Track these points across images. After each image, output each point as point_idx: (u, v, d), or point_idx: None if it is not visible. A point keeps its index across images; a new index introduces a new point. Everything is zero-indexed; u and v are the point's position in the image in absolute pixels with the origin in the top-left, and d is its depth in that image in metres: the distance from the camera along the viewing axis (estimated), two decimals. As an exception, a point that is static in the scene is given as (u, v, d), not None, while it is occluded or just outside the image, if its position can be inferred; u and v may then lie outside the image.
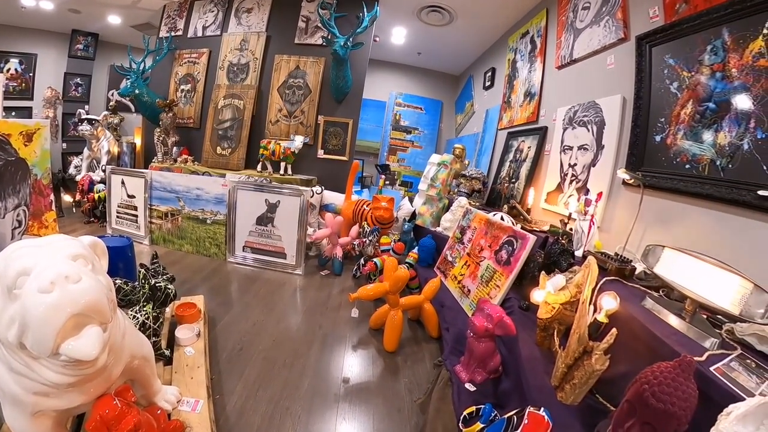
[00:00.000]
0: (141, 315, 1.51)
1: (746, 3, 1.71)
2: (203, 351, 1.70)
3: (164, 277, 1.78)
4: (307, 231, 3.07)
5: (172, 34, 4.73)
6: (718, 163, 1.85)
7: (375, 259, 2.83)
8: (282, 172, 4.02)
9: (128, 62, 4.27)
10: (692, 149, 1.99)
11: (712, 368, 1.13)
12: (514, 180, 3.79)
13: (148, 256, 2.16)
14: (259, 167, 4.08)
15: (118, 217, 3.52)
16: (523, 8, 4.08)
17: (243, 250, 3.13)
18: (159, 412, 1.22)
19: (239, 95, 4.34)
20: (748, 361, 1.20)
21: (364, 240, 3.06)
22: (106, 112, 5.53)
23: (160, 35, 4.81)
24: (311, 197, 3.38)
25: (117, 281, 1.51)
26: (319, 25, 4.20)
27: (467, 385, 1.65)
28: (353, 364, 1.92)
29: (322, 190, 3.80)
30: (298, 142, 3.92)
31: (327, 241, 3.17)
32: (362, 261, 3.01)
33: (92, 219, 3.89)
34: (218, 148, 4.33)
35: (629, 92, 2.42)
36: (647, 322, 1.38)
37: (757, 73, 1.68)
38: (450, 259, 2.83)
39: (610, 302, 1.41)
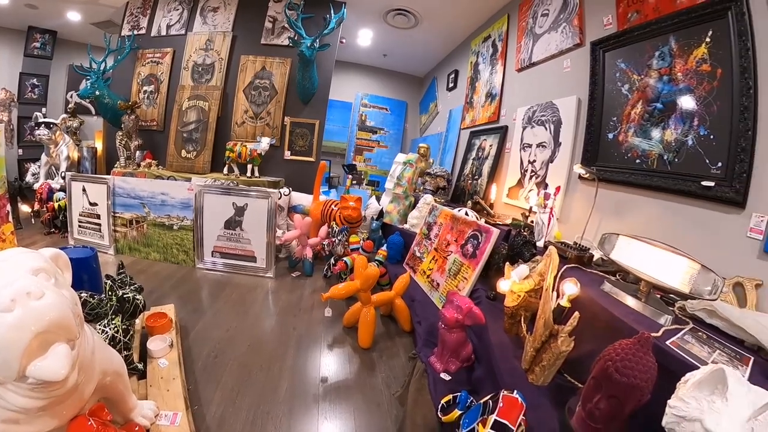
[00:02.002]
0: (110, 329, 1.42)
1: (691, 14, 1.86)
2: (177, 361, 1.63)
3: (132, 287, 1.67)
4: (276, 233, 3.01)
5: (135, 32, 4.47)
6: (665, 157, 1.99)
7: (345, 258, 2.82)
8: (249, 174, 3.92)
9: (88, 62, 3.99)
10: (642, 145, 2.13)
11: (667, 342, 1.21)
12: (477, 177, 3.90)
13: (113, 267, 2.05)
14: (225, 170, 3.95)
15: (80, 226, 3.29)
16: (485, 13, 4.19)
17: (212, 256, 3.02)
18: (137, 429, 1.16)
19: (204, 96, 4.18)
20: (700, 333, 1.31)
21: (334, 240, 3.03)
22: (64, 115, 5.17)
23: (122, 34, 4.53)
24: (279, 199, 3.31)
25: (82, 294, 1.42)
26: (286, 25, 4.12)
27: (442, 375, 1.68)
28: (330, 363, 1.90)
29: (289, 192, 3.74)
30: (264, 143, 3.83)
31: (296, 242, 3.13)
32: (332, 261, 2.99)
33: (53, 230, 3.59)
34: (183, 151, 4.15)
35: (584, 93, 2.55)
36: (606, 304, 1.46)
37: (700, 77, 1.82)
38: (418, 254, 2.87)
39: (571, 288, 1.49)
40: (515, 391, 1.21)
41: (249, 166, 3.91)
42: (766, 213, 1.51)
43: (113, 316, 1.46)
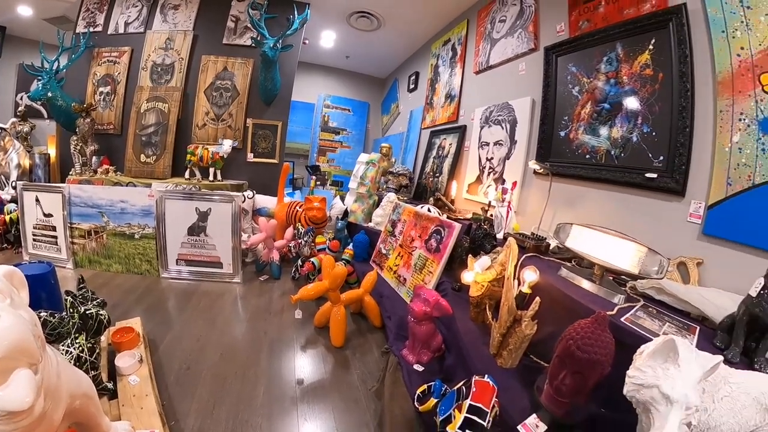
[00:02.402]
0: (74, 348, 1.32)
1: (636, 24, 2.00)
2: (149, 377, 1.53)
3: (94, 302, 1.55)
4: (242, 237, 2.90)
5: (91, 29, 4.14)
6: (612, 152, 2.13)
7: (312, 259, 2.78)
8: (211, 178, 3.77)
9: (40, 61, 3.67)
10: (591, 142, 2.26)
11: (622, 319, 1.30)
12: (437, 174, 3.99)
13: (73, 282, 1.89)
14: (186, 174, 3.78)
15: (34, 240, 2.98)
16: (446, 18, 4.29)
17: (177, 264, 2.86)
18: (113, 452, 1.07)
19: (164, 98, 3.97)
20: (650, 309, 1.42)
21: (300, 241, 2.96)
22: (14, 119, 4.77)
23: (77, 31, 4.18)
24: (243, 202, 3.21)
25: (42, 314, 1.31)
26: (249, 25, 3.99)
27: (415, 367, 1.70)
28: (304, 365, 1.86)
29: (253, 195, 3.62)
30: (226, 146, 3.69)
31: (262, 245, 3.05)
32: (300, 262, 2.93)
33: (5, 245, 3.22)
34: (142, 155, 3.91)
35: (538, 95, 2.68)
36: (564, 288, 1.54)
37: (644, 80, 1.98)
38: (384, 251, 2.89)
39: (531, 275, 1.55)
40: (486, 376, 1.25)
41: (211, 170, 3.76)
42: (703, 200, 1.66)
43: (77, 335, 1.35)
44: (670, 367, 0.85)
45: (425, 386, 1.40)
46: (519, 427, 1.19)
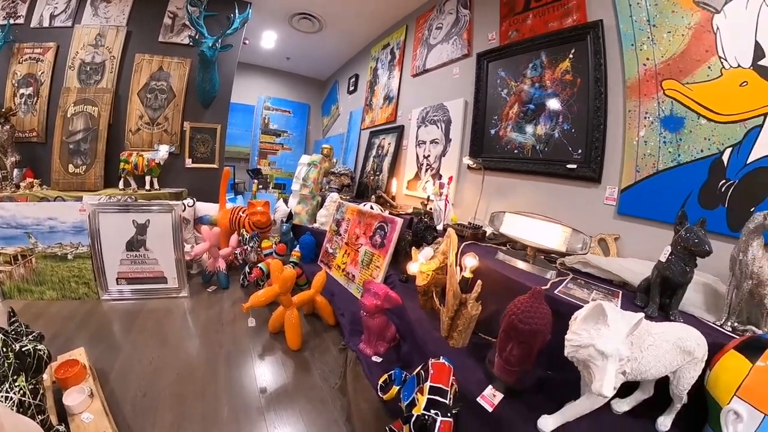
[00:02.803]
0: (14, 393, 1.13)
1: (559, 35, 2.23)
2: (103, 411, 1.37)
3: (30, 337, 1.36)
4: (185, 248, 2.71)
5: (11, 21, 3.55)
6: (537, 147, 2.34)
7: (260, 265, 2.66)
8: (148, 187, 3.45)
9: None
10: (518, 138, 2.46)
11: (555, 291, 1.43)
12: (378, 173, 4.05)
13: (3, 316, 1.63)
14: (121, 184, 3.41)
15: None
16: (386, 23, 4.33)
17: (117, 284, 2.56)
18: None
19: (93, 101, 3.53)
20: (579, 280, 1.58)
21: (246, 247, 2.83)
22: None
23: None
24: (183, 211, 3.00)
25: None
26: (187, 23, 3.67)
27: (374, 358, 1.72)
28: (265, 373, 1.79)
29: (194, 203, 3.37)
30: (163, 152, 3.39)
31: (207, 255, 2.88)
32: (247, 269, 2.82)
33: None
34: (70, 165, 3.44)
35: (470, 96, 2.85)
36: (502, 270, 1.68)
37: (564, 85, 2.20)
38: (331, 251, 2.89)
39: (471, 261, 1.66)
40: (441, 357, 1.29)
41: (147, 178, 3.44)
42: (617, 185, 1.91)
43: (15, 377, 1.17)
44: (601, 328, 0.95)
45: (386, 376, 1.41)
46: (478, 399, 1.26)
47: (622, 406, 1.21)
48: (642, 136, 1.83)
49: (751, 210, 1.41)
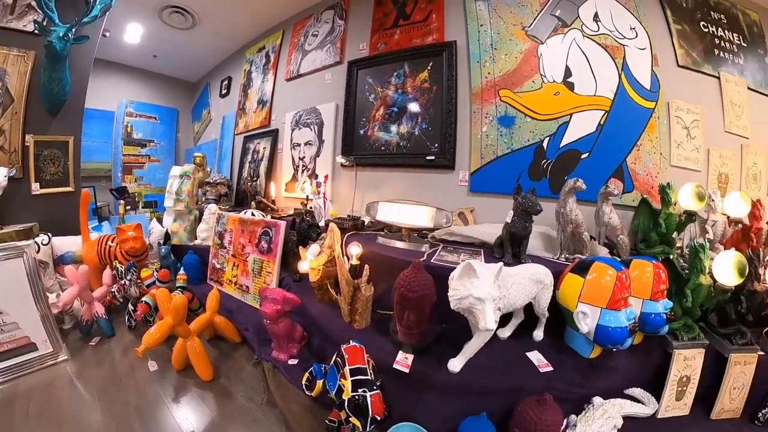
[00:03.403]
0: None
1: (420, 50, 2.62)
2: None
3: None
4: (50, 299, 2.10)
5: None
6: (401, 144, 2.69)
7: (144, 299, 2.25)
8: (-25, 230, 2.50)
9: None
10: (385, 137, 2.77)
11: (432, 260, 1.70)
12: (255, 178, 3.94)
13: None
14: None
15: None
16: (263, 25, 4.14)
17: None
18: None
19: None
20: (449, 248, 1.91)
21: (123, 282, 2.37)
22: None
23: None
24: (38, 252, 2.37)
25: None
26: (33, 3, 2.70)
27: (290, 362, 1.70)
28: (187, 416, 1.56)
29: (49, 239, 2.61)
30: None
31: (79, 301, 2.26)
32: (131, 306, 2.31)
33: None
34: None
35: (341, 100, 3.03)
36: (384, 251, 1.89)
37: (423, 91, 2.60)
38: (218, 266, 2.67)
39: (356, 249, 1.76)
40: (351, 341, 1.37)
41: (-26, 218, 2.51)
42: (467, 170, 2.41)
43: None
44: (473, 280, 1.16)
45: (307, 374, 1.41)
46: (395, 366, 1.38)
47: (505, 332, 1.56)
48: (484, 131, 2.37)
49: (565, 178, 1.91)
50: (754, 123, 2.51)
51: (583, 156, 2.26)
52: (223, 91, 5.01)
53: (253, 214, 2.63)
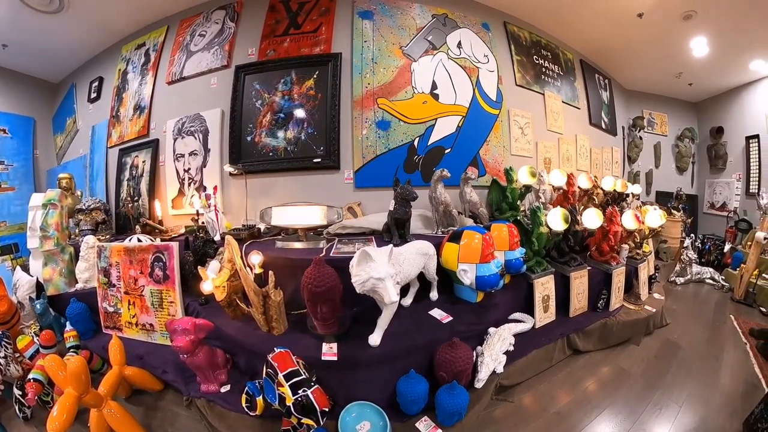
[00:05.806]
0: None
1: (308, 59, 2.62)
2: None
3: None
4: None
5: None
6: (289, 148, 2.65)
7: (31, 376, 1.56)
8: None
9: None
10: (272, 143, 2.68)
11: (331, 254, 1.78)
12: (137, 198, 3.22)
13: None
14: None
15: None
16: (145, 19, 3.36)
17: None
18: None
19: None
20: (344, 240, 2.03)
21: None
22: None
23: None
24: None
25: None
26: None
27: (222, 390, 1.51)
28: None
29: None
30: None
31: None
32: (17, 392, 1.59)
33: None
34: None
35: (227, 106, 2.75)
36: (285, 254, 1.88)
37: (309, 98, 2.60)
38: (112, 309, 2.12)
39: (257, 258, 1.66)
40: (276, 348, 1.32)
41: None
42: (351, 169, 2.53)
43: None
44: (370, 264, 1.27)
45: (244, 395, 1.33)
46: (323, 358, 1.39)
47: (408, 300, 1.76)
48: (364, 134, 2.59)
49: (434, 169, 2.24)
50: (565, 124, 3.62)
51: (447, 151, 2.74)
52: (93, 95, 3.84)
53: (139, 240, 2.15)
